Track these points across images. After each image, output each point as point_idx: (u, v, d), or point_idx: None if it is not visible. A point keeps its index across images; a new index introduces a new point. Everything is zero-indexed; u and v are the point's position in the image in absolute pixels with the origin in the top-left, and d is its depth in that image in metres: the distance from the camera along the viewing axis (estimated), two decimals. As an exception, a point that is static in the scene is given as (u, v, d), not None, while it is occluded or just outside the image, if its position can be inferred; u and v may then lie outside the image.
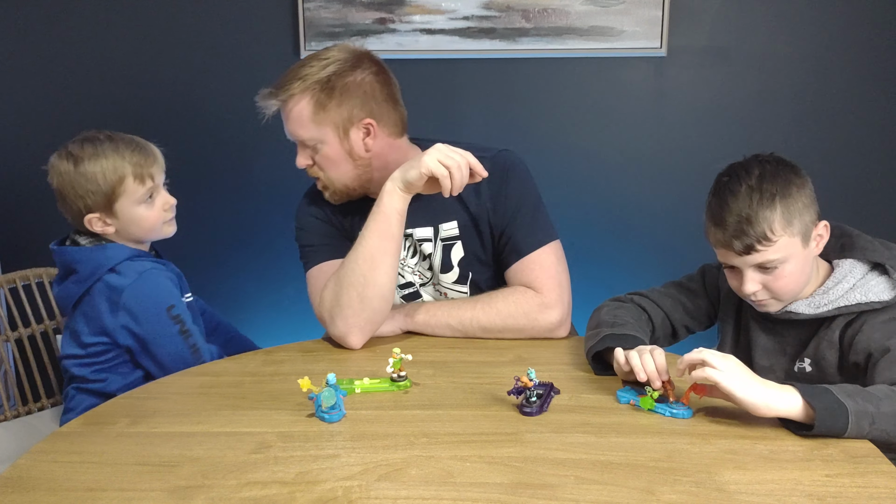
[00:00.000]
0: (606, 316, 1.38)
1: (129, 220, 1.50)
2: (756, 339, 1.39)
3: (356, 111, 1.46)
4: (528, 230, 1.51)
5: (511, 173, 1.51)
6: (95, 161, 1.46)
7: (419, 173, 1.37)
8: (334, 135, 1.47)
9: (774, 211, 1.24)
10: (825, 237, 1.31)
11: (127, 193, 1.48)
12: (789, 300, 1.32)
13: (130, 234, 1.52)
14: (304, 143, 1.49)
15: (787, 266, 1.26)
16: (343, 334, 1.44)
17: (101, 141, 1.48)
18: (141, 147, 1.50)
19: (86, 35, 2.42)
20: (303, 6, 2.33)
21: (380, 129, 1.49)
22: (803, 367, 1.32)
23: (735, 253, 1.27)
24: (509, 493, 0.95)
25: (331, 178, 1.51)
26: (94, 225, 1.49)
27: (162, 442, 1.09)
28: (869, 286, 1.27)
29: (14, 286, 1.82)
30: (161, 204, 1.53)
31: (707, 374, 1.09)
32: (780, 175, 1.26)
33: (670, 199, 2.44)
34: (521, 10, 2.32)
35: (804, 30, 2.32)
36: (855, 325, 1.26)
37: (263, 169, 2.49)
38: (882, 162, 2.38)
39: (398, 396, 1.25)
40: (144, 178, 1.49)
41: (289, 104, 1.46)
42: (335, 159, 1.48)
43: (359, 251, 1.42)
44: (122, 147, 1.48)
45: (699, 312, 1.48)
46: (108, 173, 1.46)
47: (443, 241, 1.55)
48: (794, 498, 0.93)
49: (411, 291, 1.60)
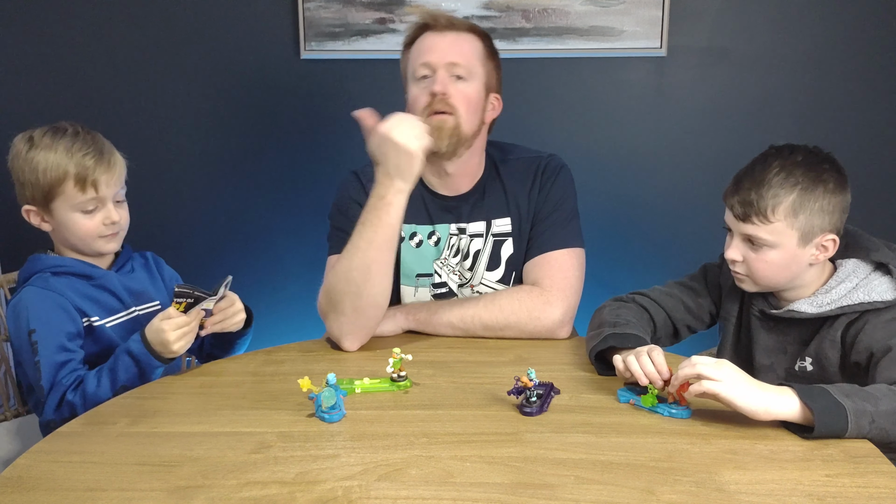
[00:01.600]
0: (609, 315, 1.38)
1: (63, 225, 1.42)
2: (757, 338, 1.39)
3: (497, 82, 1.56)
4: (556, 230, 1.53)
5: (559, 176, 1.57)
6: (45, 153, 1.38)
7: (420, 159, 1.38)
8: (482, 85, 1.51)
9: (788, 196, 1.24)
10: (829, 251, 1.29)
11: (64, 196, 1.39)
12: (764, 286, 1.33)
13: (65, 239, 1.45)
14: (458, 70, 1.48)
15: (772, 253, 1.27)
16: (338, 338, 1.45)
17: (64, 134, 1.40)
18: (98, 153, 1.40)
19: (86, 34, 2.42)
20: (303, 6, 2.33)
21: (499, 110, 1.58)
22: (804, 366, 1.32)
23: (734, 215, 1.29)
24: (509, 493, 0.95)
25: (459, 115, 1.47)
26: (32, 218, 1.43)
27: (162, 442, 1.10)
28: (872, 286, 1.27)
29: (14, 286, 1.82)
30: (102, 218, 1.42)
31: (705, 387, 1.09)
32: (816, 171, 1.26)
33: (670, 199, 2.44)
34: (521, 10, 2.32)
35: (804, 30, 2.32)
36: (857, 324, 1.26)
37: (264, 169, 2.49)
38: (882, 162, 2.38)
39: (398, 396, 1.25)
40: (86, 186, 1.39)
41: (464, 34, 1.51)
42: (475, 103, 1.50)
43: (354, 260, 1.40)
44: (77, 147, 1.39)
45: (701, 311, 1.48)
46: (50, 169, 1.38)
47: (494, 236, 1.56)
48: (794, 498, 0.93)
49: (444, 292, 1.59)
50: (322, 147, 2.45)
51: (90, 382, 1.33)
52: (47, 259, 1.45)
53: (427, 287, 1.59)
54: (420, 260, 1.58)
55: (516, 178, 1.57)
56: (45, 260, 1.45)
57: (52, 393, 1.34)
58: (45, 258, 1.45)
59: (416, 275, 1.58)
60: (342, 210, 1.57)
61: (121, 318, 1.47)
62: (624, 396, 1.21)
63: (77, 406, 1.32)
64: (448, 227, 1.57)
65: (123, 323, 1.47)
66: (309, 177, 2.48)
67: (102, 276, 1.46)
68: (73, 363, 1.37)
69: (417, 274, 1.58)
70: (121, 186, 1.45)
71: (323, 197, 1.88)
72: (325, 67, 2.39)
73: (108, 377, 1.33)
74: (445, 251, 1.57)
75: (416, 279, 1.58)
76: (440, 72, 1.46)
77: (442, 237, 1.57)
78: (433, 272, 1.58)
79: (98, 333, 1.43)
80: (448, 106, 1.46)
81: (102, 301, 1.45)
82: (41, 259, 1.45)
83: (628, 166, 2.44)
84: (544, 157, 1.58)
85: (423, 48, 1.50)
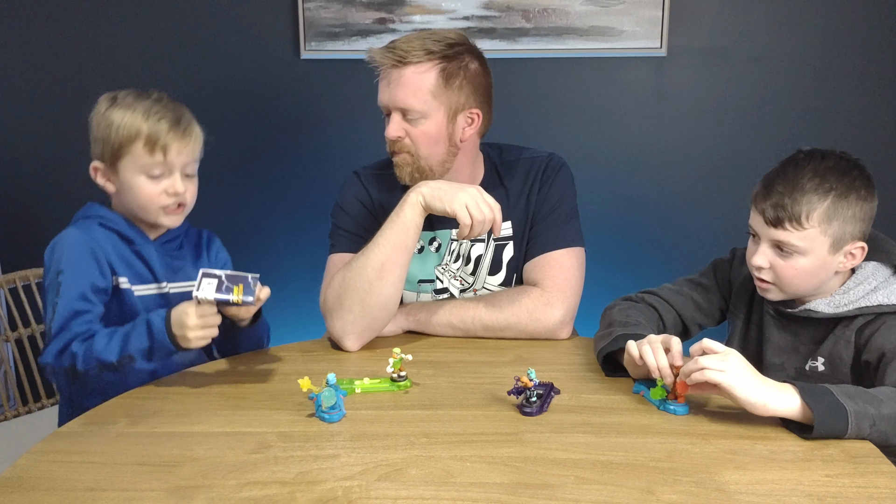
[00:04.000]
0: (618, 315, 1.38)
1: (126, 186, 1.39)
2: (769, 336, 1.38)
3: (470, 98, 1.49)
4: (556, 230, 1.53)
5: (559, 175, 1.56)
6: (123, 111, 1.37)
7: (444, 209, 1.37)
8: (444, 114, 1.47)
9: (822, 202, 1.22)
10: (857, 259, 1.28)
11: (132, 156, 1.36)
12: (792, 294, 1.31)
13: (126, 203, 1.41)
14: (406, 114, 1.46)
15: (802, 260, 1.25)
16: (340, 336, 1.44)
17: (147, 98, 1.40)
18: (175, 118, 1.38)
19: (86, 34, 2.42)
20: (303, 6, 2.33)
21: (479, 123, 1.52)
22: (815, 367, 1.31)
23: (764, 220, 1.26)
24: (509, 493, 0.95)
25: (419, 155, 1.48)
26: (98, 177, 1.41)
27: (162, 442, 1.09)
28: (892, 289, 1.25)
29: (14, 286, 1.82)
30: (166, 185, 1.39)
31: (707, 376, 1.09)
32: (849, 177, 1.25)
33: (670, 199, 2.44)
34: (521, 10, 2.32)
35: (804, 30, 2.32)
36: (874, 324, 1.25)
37: (263, 169, 2.49)
38: (882, 162, 2.38)
39: (398, 396, 1.24)
40: (156, 149, 1.36)
41: (408, 70, 1.44)
42: (434, 138, 1.47)
43: (369, 257, 1.41)
44: (155, 110, 1.37)
45: (711, 308, 1.48)
46: (123, 127, 1.36)
47: (496, 241, 1.56)
48: (794, 498, 0.93)
49: (446, 297, 1.59)
50: (322, 147, 2.46)
51: (99, 340, 1.29)
52: (100, 209, 1.43)
53: (429, 293, 1.59)
54: (422, 266, 1.58)
55: (517, 180, 1.57)
56: (98, 209, 1.42)
57: (58, 337, 1.30)
58: (99, 208, 1.43)
59: (417, 280, 1.58)
60: (345, 207, 1.57)
61: (149, 290, 1.43)
62: (637, 387, 1.22)
63: (78, 358, 1.28)
64: (449, 232, 1.57)
65: (153, 296, 1.43)
66: (309, 177, 2.48)
67: (142, 245, 1.43)
68: (89, 315, 1.33)
69: (419, 280, 1.58)
70: (193, 159, 1.42)
71: (322, 197, 1.89)
72: (325, 67, 2.39)
73: (120, 341, 1.29)
74: (447, 256, 1.57)
75: (417, 285, 1.58)
76: (393, 115, 1.47)
77: (443, 243, 1.57)
78: (435, 278, 1.58)
79: (124, 296, 1.39)
80: (403, 147, 1.48)
81: (136, 268, 1.42)
82: (95, 207, 1.43)
83: (628, 166, 2.44)
84: (544, 157, 1.58)
85: (379, 87, 1.49)
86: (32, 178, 2.52)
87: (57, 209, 1.52)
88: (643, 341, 1.21)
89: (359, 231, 1.54)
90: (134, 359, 1.29)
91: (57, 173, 2.49)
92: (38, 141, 2.49)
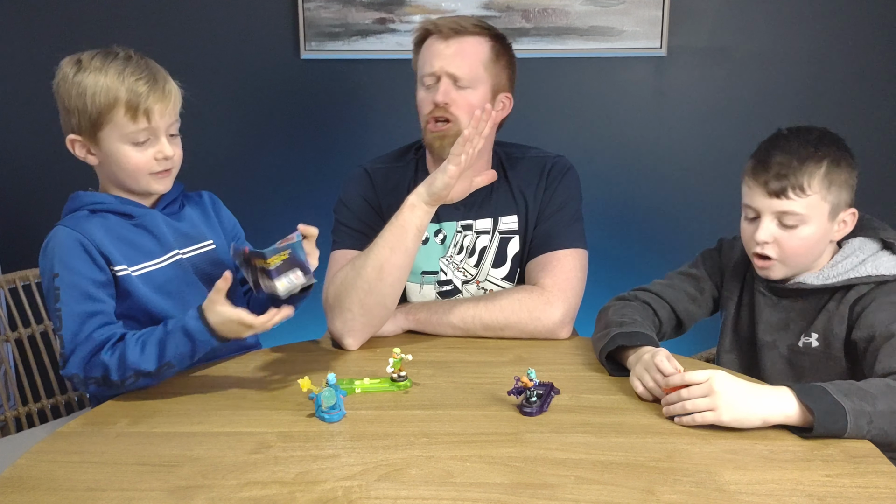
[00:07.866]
0: (614, 315, 1.38)
1: (111, 157, 1.30)
2: (760, 314, 1.39)
3: (508, 83, 1.56)
4: (560, 230, 1.54)
5: (566, 177, 1.58)
6: (95, 75, 1.26)
7: (445, 180, 1.36)
8: (488, 89, 1.51)
9: (820, 169, 1.26)
10: (849, 226, 1.31)
11: (114, 124, 1.27)
12: (793, 269, 1.32)
13: (112, 175, 1.33)
14: (457, 81, 1.48)
15: (805, 228, 1.27)
16: (340, 335, 1.45)
17: (115, 58, 1.28)
18: (152, 79, 1.29)
19: (86, 34, 2.40)
20: (303, 6, 2.33)
21: (509, 109, 1.57)
22: (809, 342, 1.32)
23: (766, 193, 1.27)
24: (509, 493, 0.95)
25: (460, 123, 1.47)
26: (77, 150, 1.32)
27: (162, 442, 1.10)
28: (880, 261, 1.29)
29: (14, 286, 1.82)
30: (154, 152, 1.30)
31: (698, 421, 1.09)
32: (836, 146, 1.29)
33: (670, 199, 2.44)
34: (521, 10, 2.32)
35: (804, 30, 2.32)
36: (865, 298, 1.27)
37: (263, 169, 2.49)
38: (882, 162, 2.38)
39: (398, 396, 1.25)
40: (138, 115, 1.26)
41: (466, 39, 1.49)
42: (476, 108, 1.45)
43: (369, 258, 1.41)
44: (129, 71, 1.27)
45: (703, 297, 1.49)
46: (98, 94, 1.25)
47: (501, 233, 1.57)
48: (794, 498, 0.93)
49: (450, 289, 1.60)
50: (322, 147, 2.45)
51: (132, 350, 1.23)
52: (86, 196, 1.34)
53: (432, 284, 1.59)
54: (426, 257, 1.58)
55: (523, 177, 1.57)
56: (84, 197, 1.34)
57: (78, 346, 1.23)
58: (84, 195, 1.34)
59: (421, 272, 1.58)
60: (348, 203, 1.58)
61: (161, 262, 1.36)
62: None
63: (111, 369, 1.22)
64: (455, 224, 1.57)
65: (164, 268, 1.35)
66: (309, 177, 2.48)
67: (144, 215, 1.35)
68: (102, 316, 1.26)
69: (423, 271, 1.58)
70: (175, 119, 1.33)
71: (323, 196, 1.88)
72: (325, 67, 2.39)
73: (156, 350, 1.23)
74: (451, 248, 1.57)
75: (421, 276, 1.59)
76: (443, 81, 1.48)
77: (448, 235, 1.58)
78: (439, 270, 1.58)
79: (124, 286, 1.31)
80: (449, 114, 1.48)
81: (140, 244, 1.34)
82: (80, 197, 1.34)
83: (628, 166, 2.44)
84: (552, 158, 1.59)
85: (427, 56, 1.51)
86: (32, 178, 2.52)
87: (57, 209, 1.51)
88: (633, 378, 1.22)
89: (361, 227, 1.54)
90: (172, 366, 1.25)
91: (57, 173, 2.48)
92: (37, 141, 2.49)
